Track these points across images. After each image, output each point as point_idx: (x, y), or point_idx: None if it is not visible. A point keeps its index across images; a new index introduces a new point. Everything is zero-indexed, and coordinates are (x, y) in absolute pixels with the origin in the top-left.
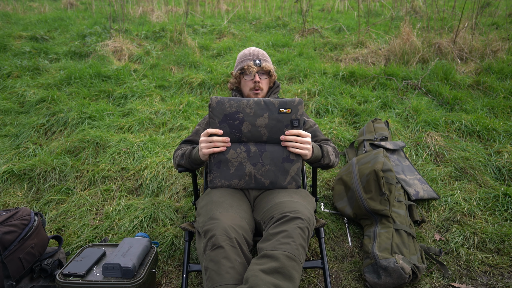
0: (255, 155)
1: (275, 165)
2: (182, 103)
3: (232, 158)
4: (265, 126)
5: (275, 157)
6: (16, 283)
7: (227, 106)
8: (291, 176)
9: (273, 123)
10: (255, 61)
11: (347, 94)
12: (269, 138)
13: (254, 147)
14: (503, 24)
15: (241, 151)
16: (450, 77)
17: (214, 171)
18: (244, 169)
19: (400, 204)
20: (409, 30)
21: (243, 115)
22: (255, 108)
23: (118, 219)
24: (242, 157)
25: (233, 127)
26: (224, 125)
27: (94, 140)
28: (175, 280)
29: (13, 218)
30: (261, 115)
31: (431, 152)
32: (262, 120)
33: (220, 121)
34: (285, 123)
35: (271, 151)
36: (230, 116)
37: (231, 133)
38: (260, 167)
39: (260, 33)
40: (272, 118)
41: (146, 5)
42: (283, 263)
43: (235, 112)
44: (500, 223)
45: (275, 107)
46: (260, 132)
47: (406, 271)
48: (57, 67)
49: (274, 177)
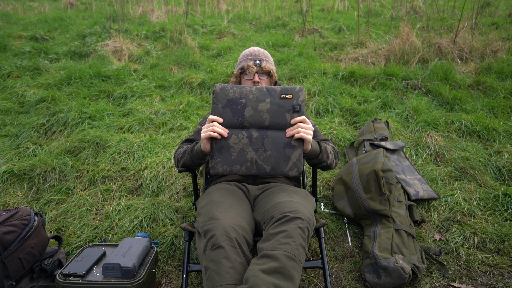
0: (256, 141)
1: (276, 151)
2: (182, 103)
3: (234, 144)
4: (267, 111)
5: (276, 142)
6: (16, 283)
7: (230, 92)
8: (292, 162)
9: (275, 108)
10: (255, 61)
11: (347, 94)
12: (271, 123)
13: (256, 133)
14: (503, 24)
15: (243, 137)
16: (450, 77)
17: (216, 156)
18: (246, 154)
19: (400, 204)
20: (409, 30)
21: (246, 100)
22: (257, 94)
23: (118, 219)
24: (244, 143)
25: (236, 111)
26: (226, 110)
27: (94, 140)
28: (175, 280)
29: (13, 218)
30: (263, 100)
31: (431, 152)
32: (264, 105)
33: (223, 106)
34: (287, 108)
35: (273, 137)
36: (233, 101)
37: (233, 117)
38: (262, 152)
39: (260, 33)
40: (274, 103)
41: (146, 5)
42: (283, 263)
43: (238, 97)
44: (500, 223)
45: (276, 93)
46: (262, 117)
47: (406, 271)
48: (57, 67)
49: (275, 163)
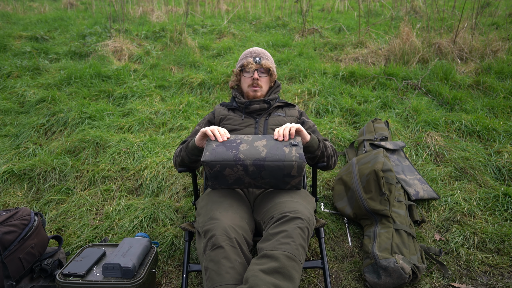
0: (253, 173)
1: (275, 179)
2: (182, 103)
3: (229, 174)
4: (264, 146)
5: (275, 174)
6: (16, 283)
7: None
8: (292, 185)
9: (272, 143)
10: (255, 58)
11: (347, 94)
12: (268, 154)
13: (252, 166)
14: (503, 24)
15: (238, 170)
16: (450, 77)
17: (210, 181)
18: (243, 180)
19: (400, 204)
20: (409, 30)
21: (241, 140)
22: (253, 137)
23: (118, 219)
24: (240, 174)
25: (230, 147)
26: (220, 146)
27: (94, 140)
28: (175, 280)
29: (13, 218)
30: (258, 139)
31: (431, 152)
32: (260, 143)
33: (218, 144)
34: (284, 144)
35: (271, 170)
36: (228, 141)
37: (227, 151)
38: (259, 179)
39: (260, 33)
40: (270, 141)
41: (146, 5)
42: (283, 263)
43: (233, 139)
44: (500, 223)
45: (272, 137)
46: (258, 150)
47: (406, 271)
48: (57, 67)
49: (274, 185)
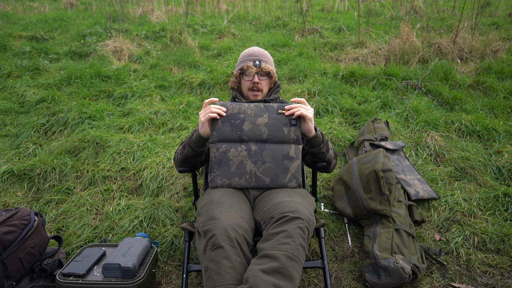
0: (255, 153)
1: (275, 163)
2: (182, 103)
3: (233, 157)
4: (265, 125)
5: (275, 155)
6: (16, 283)
7: (229, 108)
8: (291, 173)
9: (272, 122)
10: (255, 62)
11: (347, 94)
12: (269, 136)
13: (255, 146)
14: (503, 24)
15: (242, 150)
16: (450, 77)
17: (215, 169)
18: (245, 167)
19: (400, 204)
20: (409, 30)
21: (244, 115)
22: (255, 109)
23: (118, 219)
24: (243, 155)
25: (235, 126)
26: (226, 124)
27: (94, 140)
28: (175, 280)
29: (13, 218)
30: (261, 115)
31: (431, 152)
32: (262, 120)
33: (222, 121)
34: (284, 122)
35: (271, 150)
36: (232, 116)
37: (232, 131)
38: (261, 164)
39: (260, 33)
40: (272, 118)
41: (146, 5)
42: (283, 263)
43: (237, 113)
44: (500, 223)
45: (274, 109)
46: (260, 131)
47: (406, 271)
48: (57, 67)
49: (274, 175)
